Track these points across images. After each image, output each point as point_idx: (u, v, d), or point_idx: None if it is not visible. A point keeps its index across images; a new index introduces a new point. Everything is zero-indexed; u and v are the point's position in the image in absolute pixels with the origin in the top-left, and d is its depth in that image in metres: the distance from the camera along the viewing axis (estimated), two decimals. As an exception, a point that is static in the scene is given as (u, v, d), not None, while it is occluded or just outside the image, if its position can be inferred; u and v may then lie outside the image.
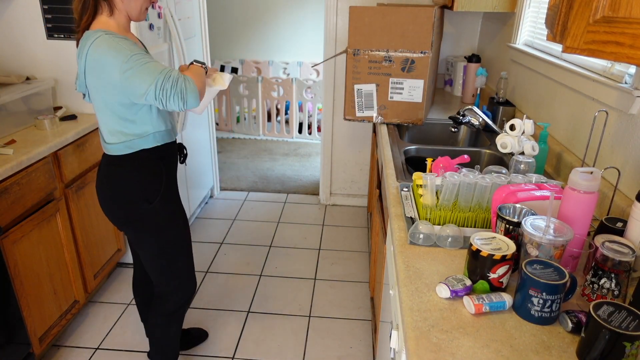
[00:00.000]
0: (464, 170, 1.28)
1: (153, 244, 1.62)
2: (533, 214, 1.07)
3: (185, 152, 1.78)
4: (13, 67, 2.29)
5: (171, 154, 1.64)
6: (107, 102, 1.43)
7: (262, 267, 2.71)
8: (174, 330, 1.79)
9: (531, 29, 2.17)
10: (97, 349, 2.09)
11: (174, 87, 1.37)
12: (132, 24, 2.06)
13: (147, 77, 1.35)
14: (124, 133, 1.48)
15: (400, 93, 2.08)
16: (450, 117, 2.03)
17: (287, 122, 4.85)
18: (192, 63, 1.60)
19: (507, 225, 1.06)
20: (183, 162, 1.78)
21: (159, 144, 1.55)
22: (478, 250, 0.98)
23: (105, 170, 1.56)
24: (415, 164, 1.88)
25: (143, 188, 1.55)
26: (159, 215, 1.59)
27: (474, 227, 1.22)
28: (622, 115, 1.30)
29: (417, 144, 1.97)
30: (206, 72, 1.59)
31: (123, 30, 1.47)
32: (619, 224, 1.09)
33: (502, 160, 1.81)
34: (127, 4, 1.43)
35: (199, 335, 2.14)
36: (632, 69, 1.30)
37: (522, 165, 1.42)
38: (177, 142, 1.72)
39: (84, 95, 1.51)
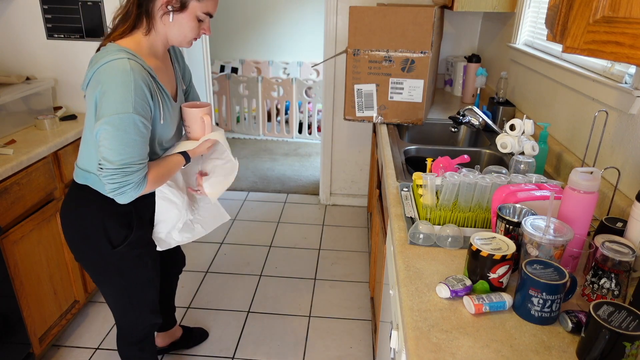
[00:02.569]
0: (464, 170, 1.28)
1: (115, 285, 1.46)
2: (533, 214, 1.07)
3: None
4: (13, 67, 2.29)
5: (150, 194, 1.43)
6: (88, 123, 1.29)
7: (262, 267, 2.71)
8: (147, 354, 1.67)
9: (531, 29, 2.17)
10: (97, 349, 2.09)
11: (120, 185, 1.18)
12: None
13: (114, 153, 1.17)
14: (90, 161, 1.31)
15: (400, 93, 2.08)
16: (450, 117, 2.03)
17: (287, 122, 4.85)
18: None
19: (507, 225, 1.06)
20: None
21: None
22: (478, 250, 0.98)
23: (70, 194, 1.39)
24: (415, 164, 1.88)
25: (105, 228, 1.35)
26: (124, 259, 1.40)
27: (474, 227, 1.22)
28: (622, 115, 1.30)
29: (417, 144, 1.97)
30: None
31: (152, 54, 1.31)
32: (619, 224, 1.09)
33: (502, 160, 1.81)
34: (170, 29, 1.28)
35: (199, 335, 2.14)
36: (632, 69, 1.30)
37: (522, 165, 1.42)
38: None
39: None
